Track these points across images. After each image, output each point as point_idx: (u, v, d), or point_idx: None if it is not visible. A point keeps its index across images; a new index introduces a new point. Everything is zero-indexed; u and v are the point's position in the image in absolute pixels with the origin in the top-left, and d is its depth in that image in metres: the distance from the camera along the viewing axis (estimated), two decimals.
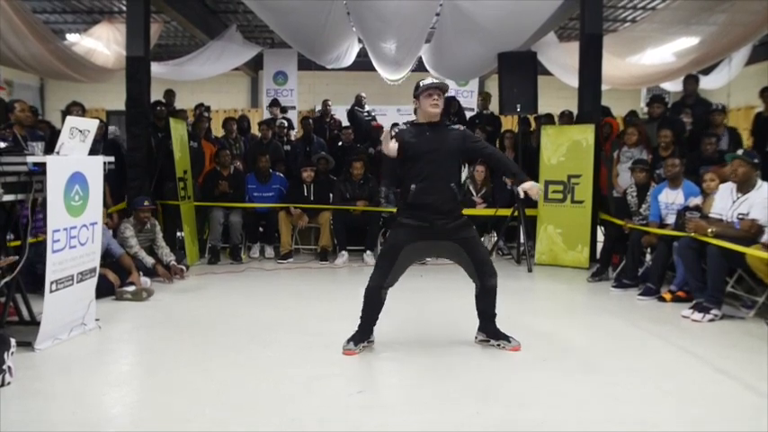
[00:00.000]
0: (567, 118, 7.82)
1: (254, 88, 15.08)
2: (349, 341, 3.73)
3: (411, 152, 3.60)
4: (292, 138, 9.28)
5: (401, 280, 3.79)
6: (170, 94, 8.54)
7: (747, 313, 4.74)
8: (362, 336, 3.76)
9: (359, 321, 3.77)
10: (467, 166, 8.91)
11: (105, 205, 5.14)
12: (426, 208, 3.59)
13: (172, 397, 3.06)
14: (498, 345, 3.83)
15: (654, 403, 3.03)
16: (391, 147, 3.53)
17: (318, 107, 11.21)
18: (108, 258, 5.14)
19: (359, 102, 9.63)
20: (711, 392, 3.19)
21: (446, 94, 3.70)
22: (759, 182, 4.74)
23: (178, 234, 7.04)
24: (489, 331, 3.87)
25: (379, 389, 3.29)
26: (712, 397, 3.12)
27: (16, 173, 3.59)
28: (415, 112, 3.80)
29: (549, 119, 8.14)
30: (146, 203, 5.93)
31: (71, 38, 10.17)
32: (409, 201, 3.61)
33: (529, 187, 3.74)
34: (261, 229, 7.53)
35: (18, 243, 4.26)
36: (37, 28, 7.28)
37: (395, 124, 3.96)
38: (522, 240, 6.96)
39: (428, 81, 3.65)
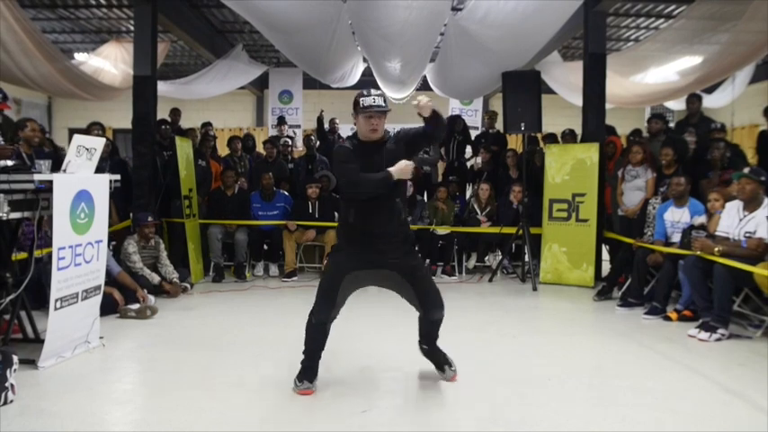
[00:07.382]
0: (569, 137, 7.83)
1: (259, 107, 15.18)
2: (302, 380, 3.39)
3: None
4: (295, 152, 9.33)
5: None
6: (176, 113, 8.61)
7: (755, 333, 4.71)
8: (312, 373, 3.43)
9: (303, 358, 3.45)
10: (470, 185, 8.93)
11: (111, 223, 5.14)
12: (368, 230, 3.29)
13: (175, 415, 3.05)
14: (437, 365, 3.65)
15: (660, 423, 3.00)
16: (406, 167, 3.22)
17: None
18: (105, 277, 5.09)
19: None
20: (719, 412, 3.16)
21: (448, 115, 3.51)
22: (766, 200, 4.74)
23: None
24: (428, 351, 3.64)
25: (384, 409, 3.26)
26: (720, 417, 3.10)
27: (23, 191, 3.61)
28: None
29: (551, 138, 8.16)
30: (149, 219, 5.96)
31: (79, 57, 10.29)
32: (351, 221, 3.31)
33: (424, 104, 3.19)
34: (265, 247, 7.54)
35: (24, 256, 4.26)
36: (46, 48, 7.35)
37: (343, 139, 3.54)
38: (526, 259, 6.95)
39: (369, 100, 3.23)
